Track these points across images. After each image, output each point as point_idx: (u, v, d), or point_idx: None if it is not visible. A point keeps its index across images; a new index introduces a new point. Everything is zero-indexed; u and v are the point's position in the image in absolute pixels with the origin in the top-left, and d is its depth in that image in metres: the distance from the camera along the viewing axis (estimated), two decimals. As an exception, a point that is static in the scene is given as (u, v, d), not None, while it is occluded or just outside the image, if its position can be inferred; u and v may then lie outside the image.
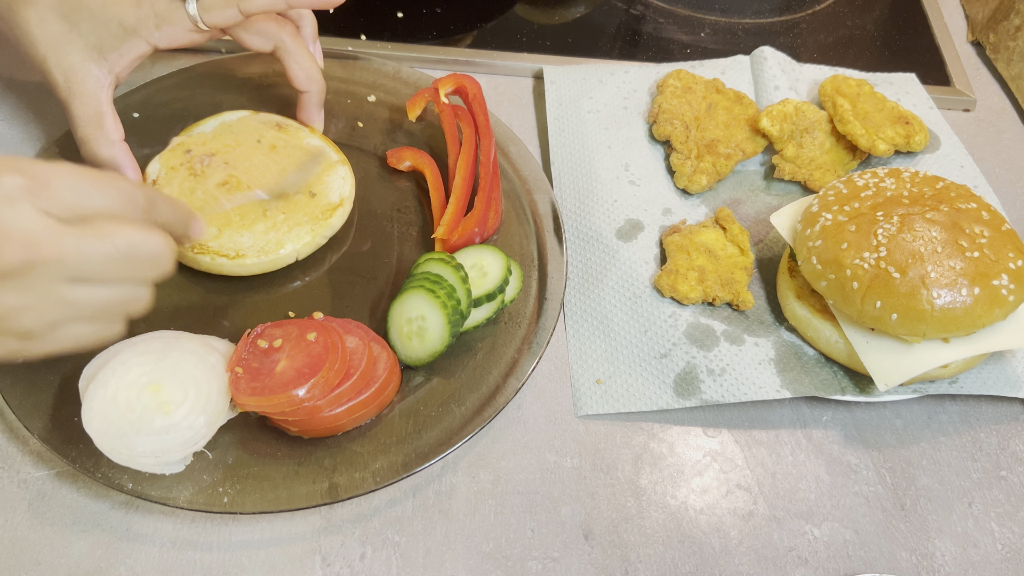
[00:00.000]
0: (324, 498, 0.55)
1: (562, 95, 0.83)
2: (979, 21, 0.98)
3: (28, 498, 0.57)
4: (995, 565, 0.59)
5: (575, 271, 0.71)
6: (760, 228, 0.75)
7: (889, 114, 0.79)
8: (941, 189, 0.64)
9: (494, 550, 0.57)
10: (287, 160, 0.70)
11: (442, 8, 0.93)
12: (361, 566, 0.56)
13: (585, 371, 0.66)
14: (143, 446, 0.53)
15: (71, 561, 0.55)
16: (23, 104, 0.79)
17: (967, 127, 0.88)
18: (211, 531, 0.57)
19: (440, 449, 0.58)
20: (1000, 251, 0.60)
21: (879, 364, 0.61)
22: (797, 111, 0.78)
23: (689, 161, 0.76)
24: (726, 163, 0.76)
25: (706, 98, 0.81)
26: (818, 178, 0.76)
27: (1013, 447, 0.65)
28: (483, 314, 0.64)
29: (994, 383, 0.65)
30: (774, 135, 0.77)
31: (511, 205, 0.72)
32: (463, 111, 0.74)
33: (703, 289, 0.67)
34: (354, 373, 0.57)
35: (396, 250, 0.70)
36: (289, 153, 0.70)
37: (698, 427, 0.64)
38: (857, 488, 0.62)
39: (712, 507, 0.60)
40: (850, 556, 0.59)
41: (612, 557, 0.58)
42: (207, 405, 0.55)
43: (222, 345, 0.60)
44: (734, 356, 0.65)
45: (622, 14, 0.96)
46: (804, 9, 1.00)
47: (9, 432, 0.60)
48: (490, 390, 0.61)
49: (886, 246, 0.60)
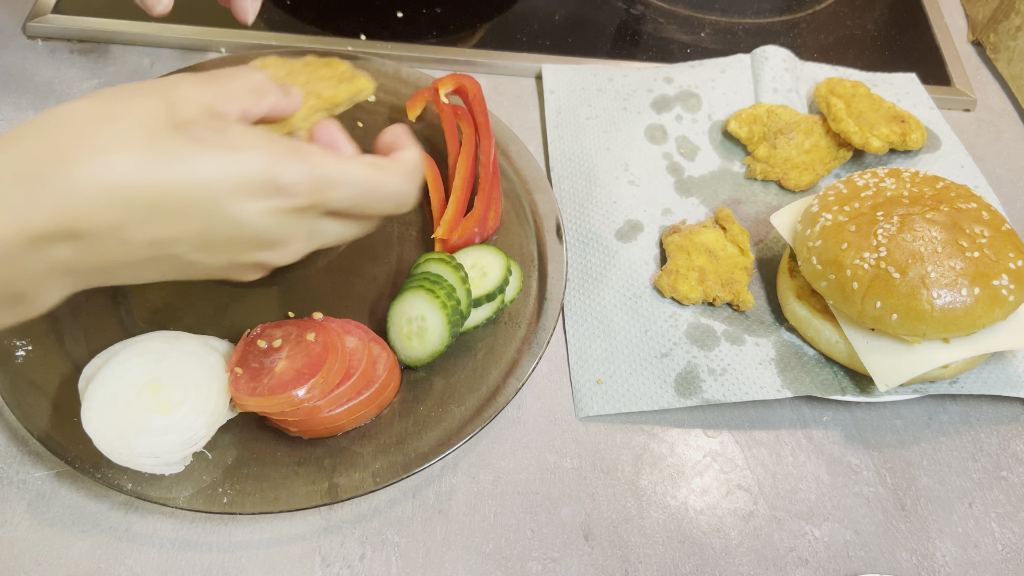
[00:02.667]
0: (324, 499, 0.55)
1: (561, 104, 0.83)
2: (979, 21, 0.98)
3: (28, 498, 0.57)
4: (995, 566, 0.59)
5: (575, 272, 0.71)
6: (760, 228, 0.75)
7: (885, 113, 0.79)
8: (941, 189, 0.64)
9: (494, 551, 0.57)
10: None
11: (442, 8, 0.93)
12: (361, 567, 0.56)
13: (585, 371, 0.66)
14: (142, 446, 0.53)
15: (71, 561, 0.55)
16: (23, 104, 0.79)
17: (967, 127, 0.88)
18: (211, 531, 0.57)
19: (440, 449, 0.58)
20: (1000, 251, 0.60)
21: (879, 364, 0.61)
22: (769, 113, 0.79)
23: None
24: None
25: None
26: (793, 177, 0.77)
27: (1014, 447, 0.65)
28: (483, 314, 0.64)
29: (994, 383, 0.65)
30: (743, 137, 0.79)
31: (511, 205, 0.72)
32: (463, 111, 0.74)
33: (703, 289, 0.67)
34: (354, 373, 0.57)
35: (396, 250, 0.70)
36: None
37: (698, 428, 0.64)
38: (857, 488, 0.62)
39: (712, 507, 0.60)
40: (850, 556, 0.59)
41: (612, 557, 0.57)
42: (207, 405, 0.55)
43: (222, 345, 0.60)
44: (735, 356, 0.65)
45: (622, 14, 0.96)
46: (804, 9, 1.00)
47: (9, 432, 0.60)
48: (490, 390, 0.61)
49: (886, 246, 0.60)
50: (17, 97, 0.80)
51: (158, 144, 0.42)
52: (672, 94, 0.83)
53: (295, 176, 0.45)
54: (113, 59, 0.84)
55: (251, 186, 0.44)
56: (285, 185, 0.45)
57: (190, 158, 0.42)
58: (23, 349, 0.60)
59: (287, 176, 0.45)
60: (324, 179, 0.46)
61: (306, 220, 0.47)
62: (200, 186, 0.43)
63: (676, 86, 0.84)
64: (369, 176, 0.48)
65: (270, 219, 0.45)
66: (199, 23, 0.86)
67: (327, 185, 0.46)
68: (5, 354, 0.59)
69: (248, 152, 0.44)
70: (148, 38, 0.85)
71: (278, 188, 0.45)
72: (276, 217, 0.45)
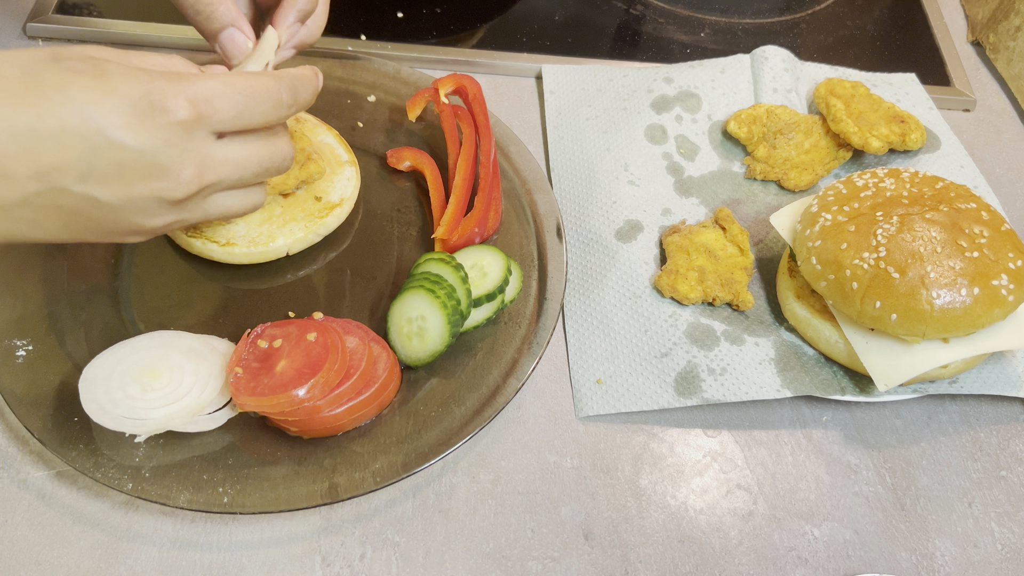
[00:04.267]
0: (324, 498, 0.55)
1: (561, 104, 0.83)
2: (979, 21, 0.98)
3: (28, 498, 0.57)
4: (995, 565, 0.59)
5: (575, 272, 0.71)
6: (760, 228, 0.75)
7: (884, 114, 0.79)
8: (941, 189, 0.64)
9: (494, 550, 0.57)
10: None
11: (442, 8, 0.93)
12: (361, 566, 0.56)
13: (585, 371, 0.66)
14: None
15: (71, 561, 0.55)
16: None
17: (967, 127, 0.88)
18: (211, 531, 0.57)
19: (440, 449, 0.58)
20: (1000, 251, 0.60)
21: (879, 364, 0.61)
22: (768, 114, 0.79)
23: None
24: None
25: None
26: (793, 177, 0.77)
27: (1013, 447, 0.65)
28: (483, 314, 0.64)
29: (994, 383, 0.65)
30: (742, 137, 0.80)
31: (511, 205, 0.72)
32: (463, 111, 0.74)
33: (703, 289, 0.67)
34: (354, 373, 0.57)
35: (396, 250, 0.70)
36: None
37: (698, 427, 0.64)
38: (857, 488, 0.62)
39: (712, 507, 0.60)
40: (850, 556, 0.59)
41: (612, 557, 0.58)
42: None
43: (222, 345, 0.60)
44: (734, 356, 0.65)
45: (622, 14, 0.96)
46: (804, 9, 1.00)
47: (9, 432, 0.60)
48: (490, 390, 0.61)
49: (886, 246, 0.60)
50: (17, 97, 0.80)
51: (32, 75, 0.43)
52: (672, 94, 0.83)
53: (171, 91, 0.45)
54: (113, 59, 0.84)
55: (126, 105, 0.44)
56: (160, 101, 0.44)
57: (64, 84, 0.43)
58: (23, 349, 0.60)
59: (162, 92, 0.45)
60: (202, 93, 0.46)
61: (193, 141, 0.47)
62: (74, 107, 0.43)
63: (676, 86, 0.84)
64: (246, 83, 0.49)
65: (152, 135, 0.45)
66: (199, 23, 0.86)
67: (206, 98, 0.46)
68: (5, 354, 0.59)
69: (122, 77, 0.44)
70: (148, 38, 0.85)
71: (153, 104, 0.44)
72: (158, 132, 0.45)
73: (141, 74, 0.45)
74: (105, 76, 0.44)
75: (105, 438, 0.56)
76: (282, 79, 0.51)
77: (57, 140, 0.43)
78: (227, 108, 0.47)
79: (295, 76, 0.52)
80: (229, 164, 0.49)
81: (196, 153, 0.47)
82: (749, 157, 0.80)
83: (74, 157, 0.44)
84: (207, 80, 0.47)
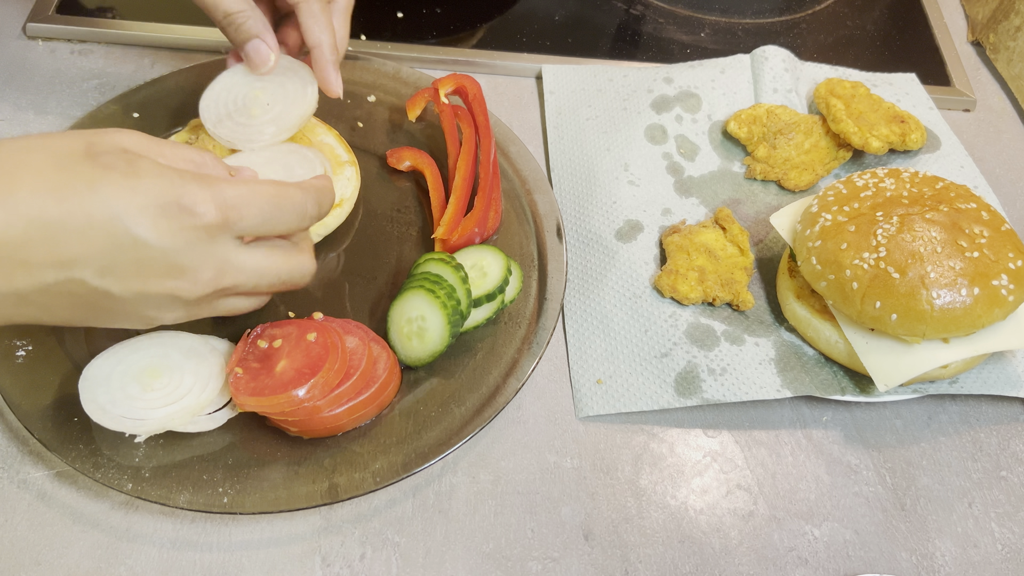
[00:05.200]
0: (324, 498, 0.55)
1: (561, 105, 0.83)
2: (979, 21, 0.98)
3: (28, 498, 0.57)
4: (995, 565, 0.59)
5: (575, 272, 0.71)
6: (760, 228, 0.75)
7: (885, 114, 0.79)
8: (941, 189, 0.64)
9: (494, 550, 0.57)
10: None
11: (442, 8, 0.93)
12: (361, 566, 0.56)
13: (585, 371, 0.66)
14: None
15: (71, 561, 0.55)
16: (24, 104, 0.79)
17: (967, 127, 0.88)
18: (211, 531, 0.57)
19: (440, 449, 0.58)
20: (1000, 251, 0.60)
21: (879, 364, 0.61)
22: (768, 114, 0.79)
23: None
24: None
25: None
26: (793, 177, 0.77)
27: (1013, 447, 0.65)
28: (483, 314, 0.64)
29: (994, 383, 0.65)
30: (742, 137, 0.79)
31: (511, 205, 0.72)
32: (463, 111, 0.74)
33: (703, 289, 0.67)
34: (354, 373, 0.57)
35: (396, 250, 0.70)
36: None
37: (698, 427, 0.64)
38: (857, 488, 0.62)
39: (712, 507, 0.60)
40: (850, 556, 0.59)
41: (612, 557, 0.58)
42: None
43: (222, 345, 0.60)
44: (734, 356, 0.65)
45: (622, 14, 0.96)
46: (804, 9, 1.00)
47: (9, 432, 0.60)
48: (490, 390, 0.61)
49: (886, 246, 0.60)
50: (17, 97, 0.80)
51: (65, 169, 0.43)
52: (672, 94, 0.83)
53: (200, 196, 0.45)
54: (113, 60, 0.84)
55: (154, 206, 0.44)
56: (189, 204, 0.45)
57: (95, 180, 0.43)
58: (23, 349, 0.60)
59: (191, 196, 0.45)
60: (230, 199, 0.47)
61: (215, 245, 0.47)
62: (102, 204, 0.43)
63: (676, 86, 0.84)
64: (274, 192, 0.49)
65: (175, 237, 0.45)
66: (199, 23, 0.86)
67: (233, 204, 0.47)
68: (5, 354, 0.59)
69: (153, 177, 0.45)
70: (148, 39, 0.85)
71: (182, 208, 0.45)
72: (182, 234, 0.45)
73: (172, 174, 0.46)
74: (137, 175, 0.45)
75: (105, 438, 0.56)
76: (308, 191, 0.52)
77: (83, 234, 0.43)
78: (253, 215, 0.48)
79: (320, 189, 0.53)
80: (247, 271, 0.50)
81: (217, 257, 0.47)
82: (749, 157, 0.80)
83: (96, 251, 0.44)
84: (236, 186, 0.48)
